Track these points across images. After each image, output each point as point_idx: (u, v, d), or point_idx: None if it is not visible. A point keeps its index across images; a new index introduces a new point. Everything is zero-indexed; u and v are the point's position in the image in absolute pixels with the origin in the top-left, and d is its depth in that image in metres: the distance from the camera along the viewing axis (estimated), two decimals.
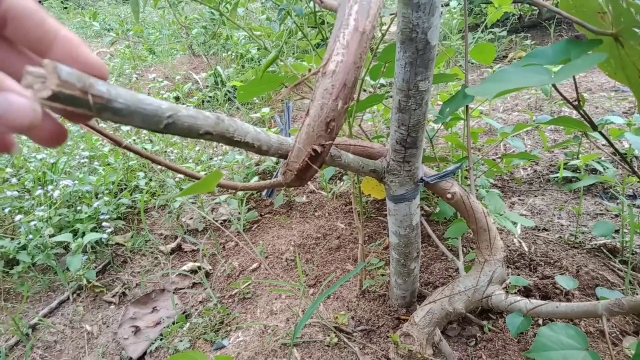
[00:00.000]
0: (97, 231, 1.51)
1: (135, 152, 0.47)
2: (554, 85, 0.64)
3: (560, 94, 0.58)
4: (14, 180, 1.67)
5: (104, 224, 1.52)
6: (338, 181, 1.80)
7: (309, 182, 1.82)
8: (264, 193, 0.68)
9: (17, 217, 1.43)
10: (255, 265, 1.39)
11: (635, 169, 1.48)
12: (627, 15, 0.53)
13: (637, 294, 1.03)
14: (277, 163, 1.83)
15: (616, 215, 1.34)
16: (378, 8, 0.47)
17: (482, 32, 2.88)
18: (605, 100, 2.07)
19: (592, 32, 0.58)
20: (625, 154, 1.51)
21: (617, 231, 1.21)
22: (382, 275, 1.19)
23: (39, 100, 0.27)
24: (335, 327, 1.05)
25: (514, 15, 3.30)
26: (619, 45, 0.58)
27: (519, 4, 3.24)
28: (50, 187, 1.60)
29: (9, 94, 0.24)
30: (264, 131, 0.51)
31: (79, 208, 1.55)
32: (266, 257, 1.42)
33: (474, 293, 0.89)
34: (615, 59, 0.61)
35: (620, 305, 0.72)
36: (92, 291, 1.37)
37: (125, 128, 2.17)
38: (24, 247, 1.43)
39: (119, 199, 1.67)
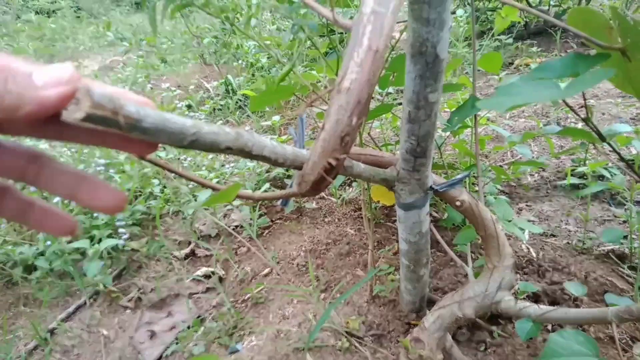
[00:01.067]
0: (113, 237, 1.54)
1: (155, 163, 0.49)
2: (564, 102, 0.66)
3: (568, 105, 0.61)
4: (32, 188, 1.71)
5: (120, 230, 1.56)
6: (347, 187, 1.82)
7: (325, 189, 1.85)
8: (279, 202, 0.71)
9: None
10: (267, 270, 1.42)
11: None
12: (633, 31, 0.55)
13: None
14: (287, 170, 1.86)
15: (624, 222, 1.34)
16: (391, 28, 0.50)
17: (488, 39, 2.89)
18: (612, 107, 2.08)
19: (599, 46, 0.60)
20: (633, 160, 1.52)
21: (625, 237, 1.22)
22: (392, 280, 1.21)
23: (74, 120, 0.29)
24: (346, 332, 1.07)
25: (520, 22, 3.31)
26: (626, 59, 0.61)
27: (525, 12, 3.25)
28: None
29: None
30: (280, 144, 0.53)
31: (95, 215, 1.59)
32: (278, 263, 1.44)
33: (484, 299, 0.91)
34: (623, 72, 0.63)
35: (630, 312, 0.72)
36: (108, 296, 1.41)
37: None
38: (42, 254, 1.47)
39: (135, 205, 1.71)
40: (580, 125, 1.96)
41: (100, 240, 1.50)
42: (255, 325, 1.19)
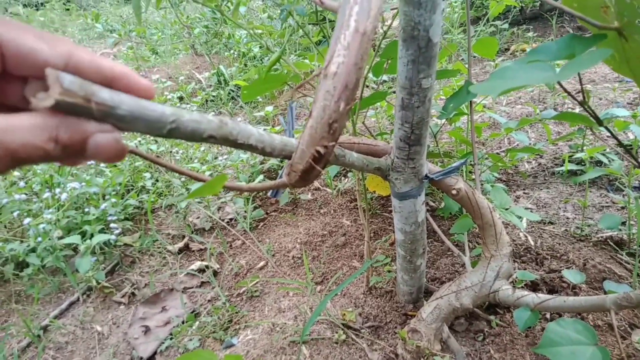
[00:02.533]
0: (105, 232, 1.52)
1: (141, 156, 0.47)
2: (560, 84, 0.64)
3: (565, 89, 0.58)
4: (21, 183, 1.69)
5: (112, 225, 1.53)
6: (343, 178, 1.80)
7: (315, 179, 1.83)
8: (269, 193, 0.69)
9: (26, 220, 1.44)
10: (262, 263, 1.40)
11: None
12: (630, 9, 0.53)
13: None
14: (282, 161, 1.83)
15: (622, 208, 1.33)
16: (378, 9, 0.47)
17: (483, 25, 2.86)
18: (609, 92, 2.06)
19: (595, 27, 0.57)
20: (631, 145, 1.51)
21: (623, 223, 1.21)
22: (389, 271, 1.20)
23: (43, 108, 0.27)
24: (343, 324, 1.06)
25: (515, 7, 3.27)
26: (622, 40, 0.58)
27: None
28: (57, 189, 1.61)
29: (96, 136, 0.29)
30: (268, 133, 0.51)
31: (86, 210, 1.56)
32: (273, 255, 1.43)
33: (481, 288, 0.89)
34: (619, 53, 0.61)
35: (629, 299, 0.71)
36: (101, 292, 1.39)
37: None
38: (34, 250, 1.44)
39: (126, 200, 1.69)
40: (577, 110, 1.94)
41: (92, 236, 1.47)
42: (250, 319, 1.18)
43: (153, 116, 0.36)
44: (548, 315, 1.01)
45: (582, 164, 1.54)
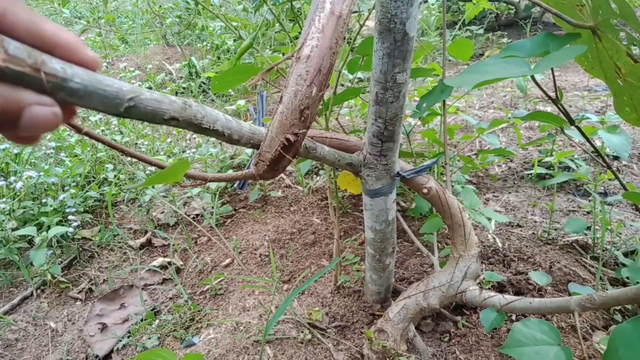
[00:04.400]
0: (63, 225, 1.44)
1: (97, 139, 0.43)
2: (533, 79, 0.63)
3: (540, 87, 0.58)
4: None
5: (70, 217, 1.46)
6: (314, 176, 1.78)
7: (284, 177, 1.80)
8: (235, 185, 0.65)
9: None
10: (228, 260, 1.36)
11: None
12: (605, 7, 0.53)
13: (607, 290, 1.05)
14: (252, 156, 1.79)
15: (588, 212, 1.36)
16: None
17: (459, 29, 2.90)
18: (578, 99, 2.11)
19: (570, 24, 0.57)
20: (598, 152, 1.54)
21: (588, 228, 1.23)
22: (358, 270, 1.18)
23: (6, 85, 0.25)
24: (309, 324, 1.03)
25: (491, 13, 3.34)
26: (596, 39, 0.58)
27: (497, 3, 3.28)
28: (13, 178, 1.52)
29: (32, 108, 0.26)
30: (235, 119, 0.48)
31: (44, 201, 1.48)
32: (240, 253, 1.39)
33: (449, 288, 0.89)
34: (592, 53, 0.61)
35: (592, 300, 0.72)
36: (57, 287, 1.32)
37: (94, 118, 2.08)
38: None
39: (87, 191, 1.61)
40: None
41: (49, 228, 1.40)
42: (213, 318, 1.14)
43: (109, 92, 0.33)
44: (514, 317, 1.01)
45: (551, 168, 1.56)
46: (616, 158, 1.63)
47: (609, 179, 1.36)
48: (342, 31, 0.43)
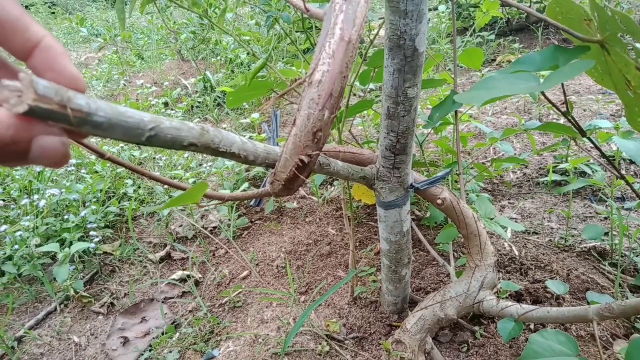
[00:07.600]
0: (84, 240, 1.48)
1: (119, 163, 0.45)
2: (543, 94, 0.64)
3: (549, 100, 0.58)
4: None
5: (91, 232, 1.50)
6: (329, 186, 1.79)
7: (299, 188, 1.81)
8: (252, 202, 0.67)
9: (3, 227, 1.40)
10: (245, 272, 1.38)
11: (623, 171, 1.50)
12: (612, 22, 0.53)
13: (626, 298, 1.03)
14: (267, 168, 1.81)
15: (605, 218, 1.34)
16: (364, 17, 0.46)
17: (470, 35, 2.89)
18: (593, 103, 2.09)
19: (578, 39, 0.58)
20: (613, 157, 1.53)
21: (606, 234, 1.22)
22: (374, 281, 1.19)
23: (16, 115, 0.26)
24: (326, 335, 1.04)
25: (501, 18, 3.33)
26: (605, 52, 0.58)
27: (507, 8, 3.27)
28: (36, 196, 1.57)
29: (42, 139, 0.26)
30: (251, 141, 0.50)
31: (65, 217, 1.53)
32: (257, 265, 1.41)
33: (465, 299, 0.89)
34: (602, 65, 0.61)
35: (611, 309, 0.72)
36: (79, 302, 1.35)
37: None
38: (10, 258, 1.40)
39: (107, 207, 1.65)
40: (562, 121, 1.97)
41: (71, 244, 1.44)
42: (232, 330, 1.15)
43: (131, 123, 0.35)
44: (532, 326, 1.01)
45: (566, 174, 1.55)
46: (632, 162, 1.61)
47: (626, 184, 1.34)
48: (351, 56, 0.44)
